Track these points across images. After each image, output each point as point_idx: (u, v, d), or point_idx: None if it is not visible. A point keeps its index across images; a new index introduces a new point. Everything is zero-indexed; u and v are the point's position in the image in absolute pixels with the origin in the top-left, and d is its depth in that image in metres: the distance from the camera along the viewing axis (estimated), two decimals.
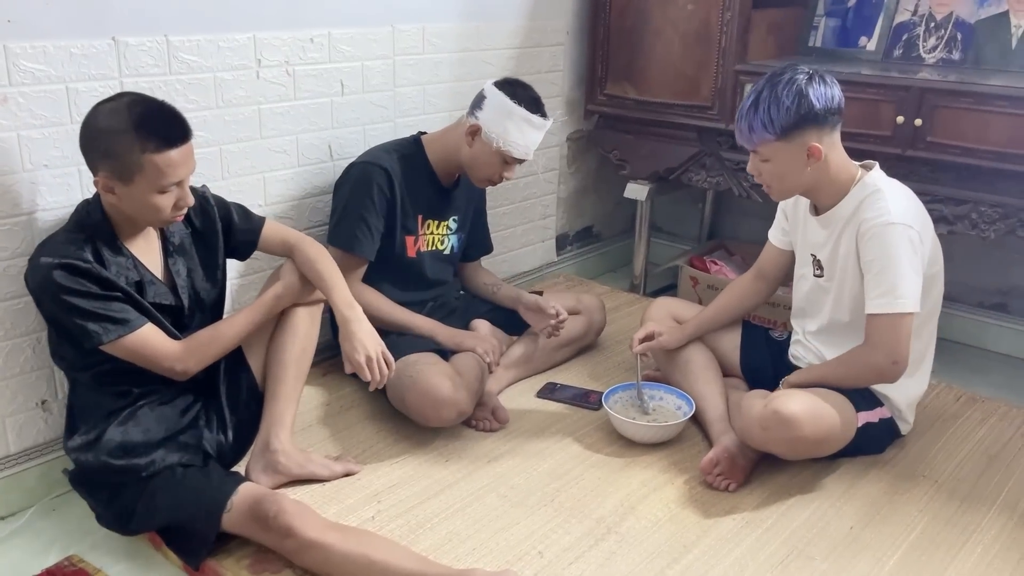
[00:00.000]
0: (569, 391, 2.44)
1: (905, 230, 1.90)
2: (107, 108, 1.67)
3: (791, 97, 1.88)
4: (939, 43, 2.74)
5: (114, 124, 1.64)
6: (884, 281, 1.90)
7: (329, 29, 2.36)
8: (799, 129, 1.90)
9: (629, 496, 1.96)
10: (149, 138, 1.65)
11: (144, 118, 1.66)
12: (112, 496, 1.82)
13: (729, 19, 2.72)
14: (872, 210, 1.93)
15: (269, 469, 1.94)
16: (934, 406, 2.34)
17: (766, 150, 1.95)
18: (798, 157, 1.93)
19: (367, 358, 1.91)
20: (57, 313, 1.71)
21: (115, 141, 1.64)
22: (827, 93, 1.91)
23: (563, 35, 3.07)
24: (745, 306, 2.34)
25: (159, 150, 1.66)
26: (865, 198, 1.96)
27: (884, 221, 1.90)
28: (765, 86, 1.93)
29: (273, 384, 1.98)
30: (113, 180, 1.67)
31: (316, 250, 2.00)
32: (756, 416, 1.92)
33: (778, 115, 1.89)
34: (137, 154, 1.64)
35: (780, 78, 1.92)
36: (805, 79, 1.90)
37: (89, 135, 1.68)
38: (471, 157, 2.29)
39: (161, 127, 1.68)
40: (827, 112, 1.91)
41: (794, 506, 1.94)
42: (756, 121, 1.92)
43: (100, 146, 1.66)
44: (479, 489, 1.98)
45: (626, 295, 3.16)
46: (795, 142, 1.91)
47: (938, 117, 2.40)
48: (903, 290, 1.89)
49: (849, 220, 1.99)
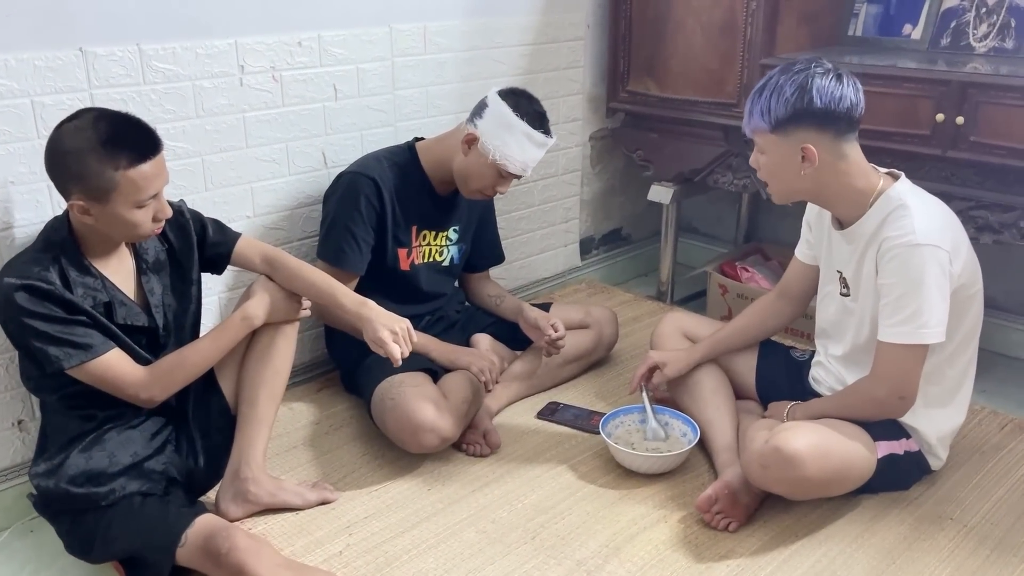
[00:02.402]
0: (571, 412, 2.29)
1: (933, 251, 1.69)
2: (71, 128, 1.59)
3: (793, 88, 1.71)
4: (991, 30, 2.48)
5: (81, 144, 1.57)
6: (905, 308, 1.70)
7: (319, 32, 2.26)
8: (793, 125, 1.72)
9: (616, 535, 1.81)
10: (120, 154, 1.58)
11: (112, 134, 1.59)
12: (73, 524, 1.76)
13: (755, 8, 2.51)
14: (895, 228, 1.73)
15: (239, 498, 1.86)
16: (974, 435, 2.11)
17: (761, 141, 1.80)
18: (791, 157, 1.75)
19: (391, 333, 1.83)
20: (19, 336, 1.66)
21: (85, 162, 1.57)
22: (836, 92, 1.71)
23: (583, 28, 2.91)
24: (766, 328, 2.15)
25: (132, 165, 1.59)
26: (889, 213, 1.76)
27: (908, 241, 1.70)
28: (778, 72, 1.77)
29: (245, 407, 1.89)
30: (88, 202, 1.60)
31: (299, 262, 1.91)
32: (755, 452, 1.74)
33: (776, 105, 1.73)
34: (110, 172, 1.57)
35: (793, 67, 1.75)
36: (820, 72, 1.72)
37: (56, 159, 1.61)
38: (464, 166, 2.16)
39: (131, 141, 1.61)
40: (828, 113, 1.71)
41: (799, 551, 1.76)
42: (756, 107, 1.77)
43: (69, 169, 1.59)
44: (458, 522, 1.86)
45: (649, 304, 2.99)
46: (789, 138, 1.74)
47: (982, 114, 2.15)
48: (927, 318, 1.69)
49: (872, 237, 1.78)
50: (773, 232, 3.29)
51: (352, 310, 1.87)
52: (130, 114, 1.66)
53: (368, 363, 2.21)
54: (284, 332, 1.93)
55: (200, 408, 1.90)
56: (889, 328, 1.73)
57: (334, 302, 1.89)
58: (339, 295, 1.89)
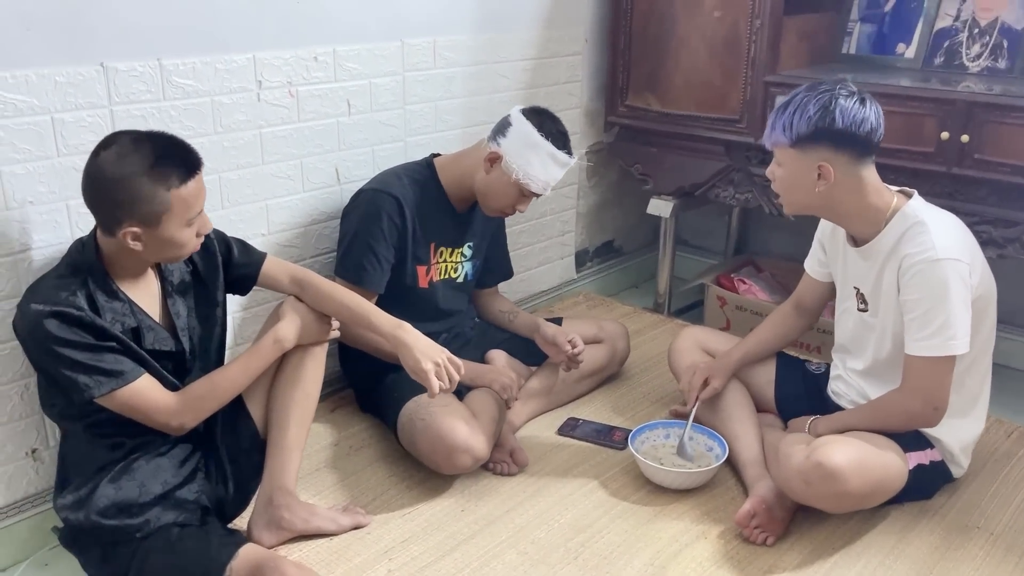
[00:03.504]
0: (592, 427, 2.30)
1: (953, 265, 1.75)
2: (111, 156, 1.54)
3: (817, 107, 1.76)
4: (983, 50, 2.56)
5: (129, 170, 1.53)
6: (932, 322, 1.75)
7: (334, 46, 2.22)
8: (813, 142, 1.77)
9: (659, 553, 1.82)
10: (170, 174, 1.55)
11: (158, 155, 1.55)
12: (104, 557, 1.70)
13: (759, 27, 2.56)
14: (915, 244, 1.78)
15: (272, 525, 1.81)
16: (985, 443, 2.18)
17: (780, 154, 1.86)
18: (807, 173, 1.80)
19: (435, 364, 1.79)
20: (47, 363, 1.59)
21: (136, 187, 1.53)
22: (858, 116, 1.75)
23: (581, 44, 2.92)
24: (786, 339, 2.20)
25: (183, 183, 1.57)
26: (906, 230, 1.81)
27: (929, 257, 1.75)
28: (804, 89, 1.81)
29: (275, 433, 1.85)
30: (141, 227, 1.56)
31: (329, 283, 1.88)
32: (797, 468, 1.77)
33: (798, 121, 1.77)
34: (163, 194, 1.54)
35: (821, 86, 1.80)
36: (845, 94, 1.77)
37: (103, 190, 1.55)
38: (486, 185, 2.15)
39: (177, 159, 1.58)
40: (848, 135, 1.75)
41: (839, 564, 1.79)
42: (779, 122, 1.81)
43: (120, 197, 1.54)
44: (498, 544, 1.85)
45: (650, 316, 3.01)
46: (807, 155, 1.79)
47: (987, 133, 2.22)
48: (954, 330, 1.74)
49: (891, 254, 1.83)
50: (763, 244, 3.35)
51: (388, 332, 1.83)
52: (164, 132, 1.62)
53: (387, 382, 2.18)
54: (313, 354, 1.89)
55: (229, 434, 1.85)
56: (918, 342, 1.77)
57: (367, 324, 1.85)
58: (373, 316, 1.85)
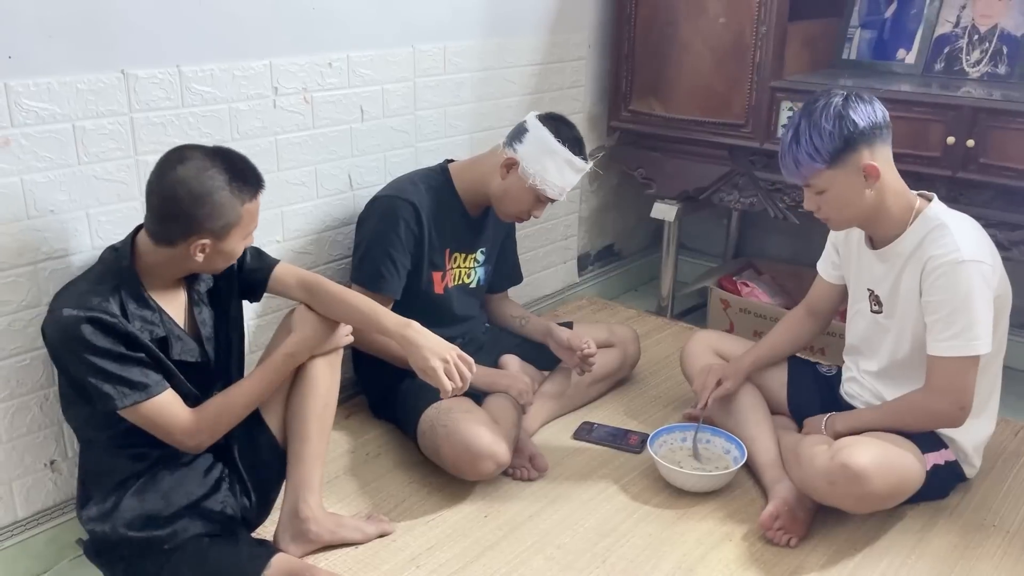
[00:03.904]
0: (607, 431, 2.31)
1: (977, 266, 1.78)
2: (191, 171, 1.56)
3: (831, 121, 1.76)
4: (983, 56, 2.61)
5: (213, 184, 1.56)
6: (957, 322, 1.78)
7: (348, 52, 2.22)
8: (848, 151, 1.77)
9: (686, 556, 1.83)
10: (245, 189, 1.61)
11: (235, 170, 1.61)
12: (131, 569, 1.68)
13: (764, 33, 2.59)
14: (939, 246, 1.81)
15: (300, 538, 1.80)
16: (993, 443, 2.19)
17: (819, 181, 1.82)
18: (855, 181, 1.80)
19: (443, 361, 1.75)
20: (75, 370, 1.58)
21: (219, 201, 1.57)
22: (867, 109, 1.78)
23: (584, 49, 2.94)
24: (799, 342, 2.22)
25: (253, 197, 1.63)
26: (929, 232, 1.84)
27: (955, 259, 1.78)
28: (802, 118, 1.80)
29: (296, 444, 1.82)
30: (211, 239, 1.59)
31: (339, 287, 1.85)
32: (821, 469, 1.79)
33: (822, 142, 1.76)
34: (238, 208, 1.60)
35: (815, 105, 1.79)
36: (841, 100, 1.78)
37: (183, 203, 1.55)
38: (502, 190, 2.16)
39: (250, 175, 1.64)
40: (873, 127, 1.78)
41: (862, 564, 1.82)
42: (801, 154, 1.79)
43: (201, 211, 1.56)
44: (524, 550, 1.85)
45: (655, 320, 3.03)
46: (848, 165, 1.78)
47: (992, 138, 2.27)
48: (978, 331, 1.77)
49: (912, 255, 1.86)
50: (761, 247, 3.38)
51: (396, 332, 1.78)
52: (228, 147, 1.65)
53: (404, 389, 2.18)
54: (329, 361, 1.86)
55: (248, 446, 1.82)
56: (943, 342, 1.80)
57: (376, 325, 1.81)
58: (382, 318, 1.80)
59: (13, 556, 1.83)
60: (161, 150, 1.87)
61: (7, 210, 1.69)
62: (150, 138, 1.87)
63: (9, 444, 1.79)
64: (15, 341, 1.75)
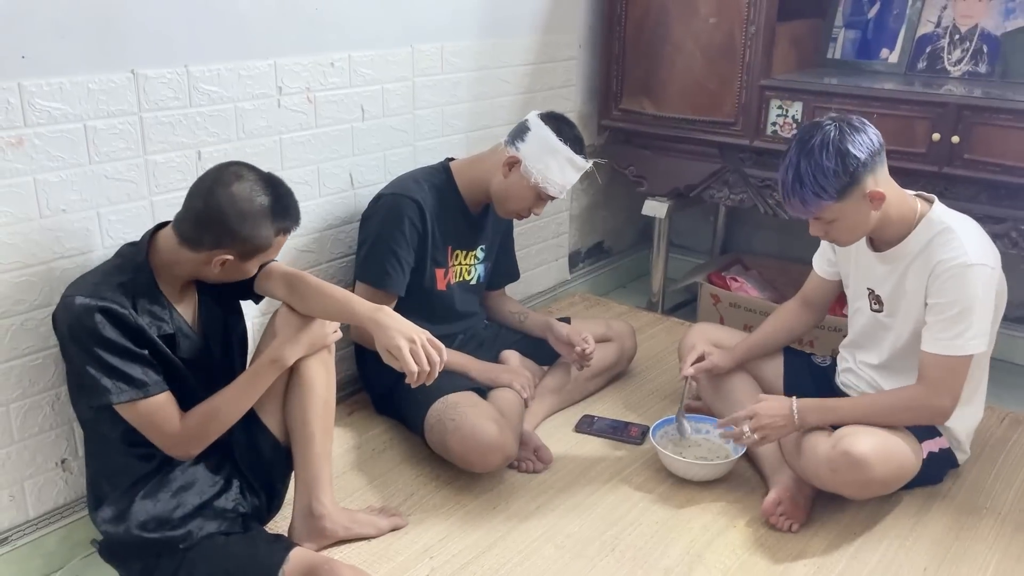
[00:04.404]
0: (607, 423, 2.35)
1: (983, 270, 1.83)
2: (244, 191, 1.60)
3: (832, 159, 1.77)
4: (964, 55, 2.69)
5: (256, 209, 1.60)
6: (959, 323, 1.83)
7: (349, 52, 2.24)
8: (854, 184, 1.79)
9: (693, 543, 1.88)
10: (284, 222, 1.66)
11: (279, 204, 1.64)
12: (147, 569, 1.69)
13: (754, 33, 2.65)
14: (947, 250, 1.85)
15: (314, 535, 1.82)
16: (981, 429, 2.27)
17: (828, 214, 1.84)
18: (863, 208, 1.83)
19: (409, 341, 1.67)
20: (78, 358, 1.58)
21: (257, 227, 1.61)
22: (864, 139, 1.80)
23: (575, 49, 2.98)
24: (792, 334, 2.27)
25: (287, 232, 1.68)
26: (935, 236, 1.88)
27: (964, 263, 1.82)
28: (800, 157, 1.80)
29: (301, 446, 1.81)
30: (235, 258, 1.63)
31: (318, 281, 1.79)
32: (823, 457, 1.85)
33: (827, 181, 1.77)
34: (271, 238, 1.64)
35: (812, 143, 1.79)
36: (837, 133, 1.78)
37: (226, 219, 1.59)
38: (504, 188, 2.20)
39: (293, 212, 1.67)
40: (872, 156, 1.80)
41: (863, 547, 1.88)
42: (807, 194, 1.80)
43: (239, 231, 1.60)
44: (534, 540, 1.89)
45: (647, 315, 3.09)
46: (855, 195, 1.80)
47: (976, 134, 2.35)
48: (976, 331, 1.83)
49: (916, 257, 1.91)
50: (748, 243, 3.45)
51: (367, 316, 1.71)
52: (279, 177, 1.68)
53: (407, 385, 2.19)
54: (321, 359, 1.83)
55: (248, 448, 1.81)
56: (942, 342, 1.85)
57: (349, 313, 1.74)
58: (354, 305, 1.74)
59: (26, 555, 1.83)
60: (169, 150, 1.92)
61: (20, 209, 1.70)
62: (159, 138, 1.89)
63: (21, 443, 1.80)
64: (28, 340, 1.76)
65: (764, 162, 2.75)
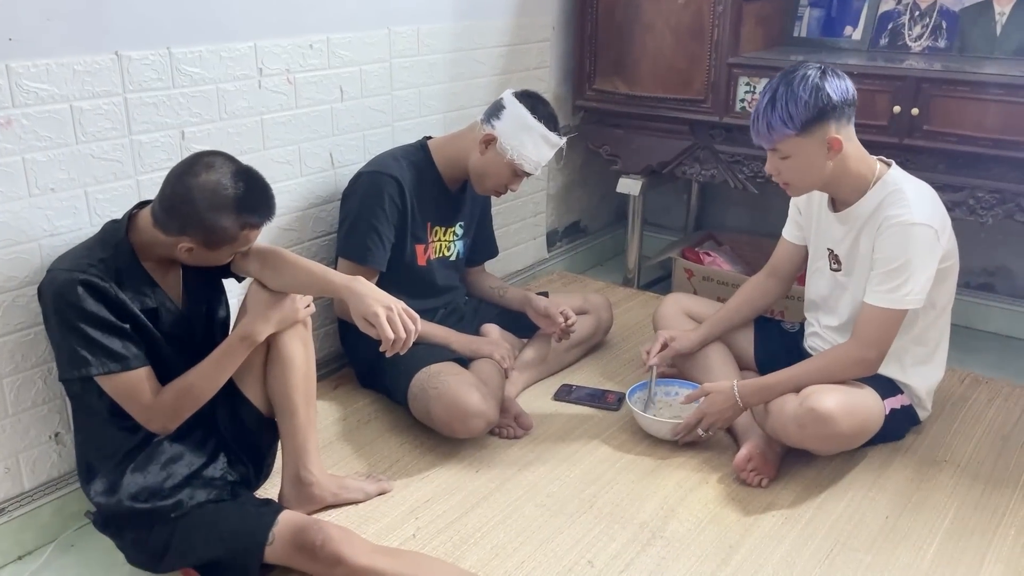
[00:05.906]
0: (585, 391, 2.43)
1: (926, 230, 1.92)
2: (211, 182, 1.61)
3: (808, 91, 1.89)
4: (924, 31, 2.79)
5: (220, 201, 1.62)
6: (896, 278, 1.92)
7: (328, 34, 2.30)
8: (819, 122, 1.90)
9: (667, 498, 1.96)
10: (251, 217, 1.66)
11: (248, 198, 1.64)
12: (140, 538, 1.73)
13: (721, 12, 2.73)
14: (894, 208, 1.95)
15: (304, 501, 1.88)
16: (942, 388, 2.38)
17: (786, 146, 1.95)
18: (819, 151, 1.94)
19: (386, 308, 1.70)
20: (60, 329, 1.63)
21: (219, 219, 1.62)
22: (842, 86, 1.92)
23: (549, 31, 3.05)
24: (759, 305, 2.35)
25: (256, 227, 1.69)
26: (886, 196, 1.98)
27: (906, 220, 1.92)
28: (780, 83, 1.93)
29: (287, 418, 1.85)
30: (199, 247, 1.66)
31: (293, 256, 1.81)
32: (791, 414, 1.93)
33: (797, 110, 1.89)
34: (235, 230, 1.65)
35: (794, 75, 1.92)
36: (819, 73, 1.91)
37: (188, 205, 1.61)
38: (482, 165, 2.26)
39: (263, 207, 1.68)
40: (844, 104, 1.92)
41: (828, 499, 1.97)
42: (775, 118, 1.91)
43: (201, 220, 1.62)
44: (516, 499, 1.97)
45: (623, 290, 3.17)
46: (815, 136, 1.92)
47: (935, 106, 2.44)
48: (911, 287, 1.92)
49: (870, 217, 2.00)
50: (720, 220, 3.54)
51: (342, 285, 1.73)
52: (256, 171, 1.69)
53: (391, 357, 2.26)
54: (298, 333, 1.85)
55: (231, 421, 1.85)
56: (880, 294, 1.95)
57: (324, 284, 1.76)
58: (330, 276, 1.76)
59: (21, 526, 1.89)
60: (154, 130, 1.97)
61: (10, 188, 1.74)
62: (143, 118, 1.93)
63: (15, 417, 1.85)
64: (19, 316, 1.81)
65: (733, 138, 2.83)
